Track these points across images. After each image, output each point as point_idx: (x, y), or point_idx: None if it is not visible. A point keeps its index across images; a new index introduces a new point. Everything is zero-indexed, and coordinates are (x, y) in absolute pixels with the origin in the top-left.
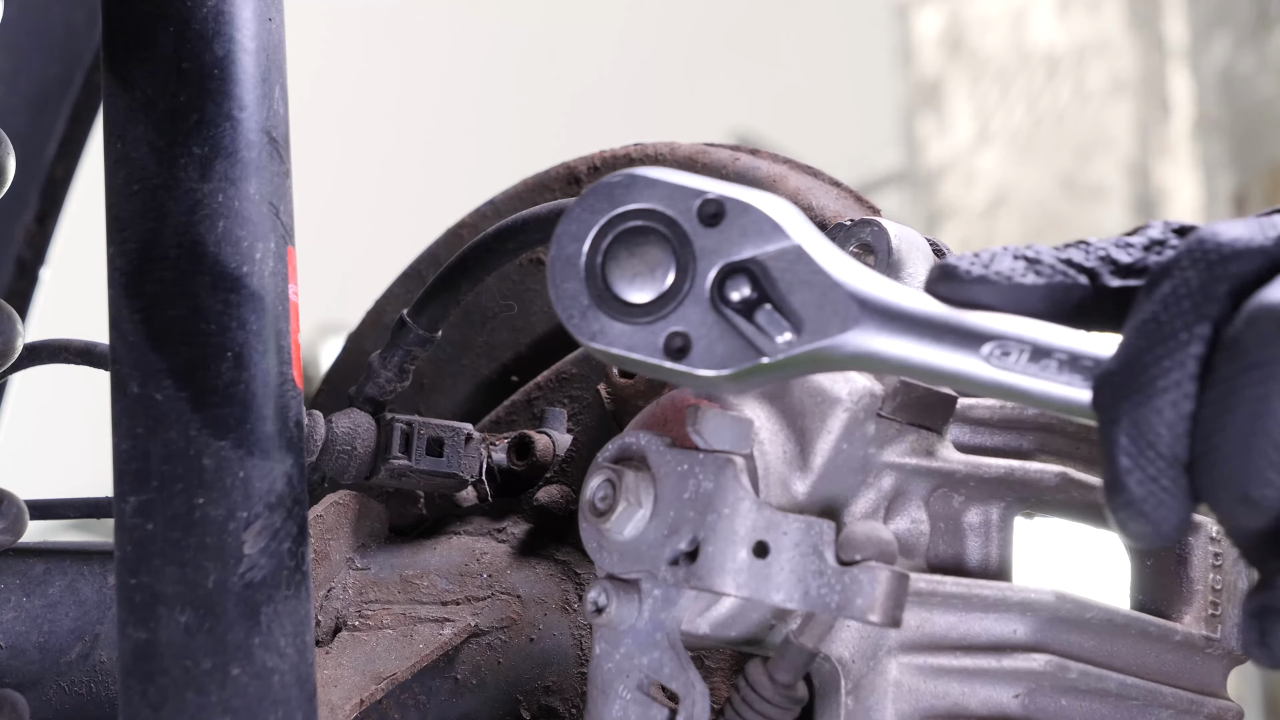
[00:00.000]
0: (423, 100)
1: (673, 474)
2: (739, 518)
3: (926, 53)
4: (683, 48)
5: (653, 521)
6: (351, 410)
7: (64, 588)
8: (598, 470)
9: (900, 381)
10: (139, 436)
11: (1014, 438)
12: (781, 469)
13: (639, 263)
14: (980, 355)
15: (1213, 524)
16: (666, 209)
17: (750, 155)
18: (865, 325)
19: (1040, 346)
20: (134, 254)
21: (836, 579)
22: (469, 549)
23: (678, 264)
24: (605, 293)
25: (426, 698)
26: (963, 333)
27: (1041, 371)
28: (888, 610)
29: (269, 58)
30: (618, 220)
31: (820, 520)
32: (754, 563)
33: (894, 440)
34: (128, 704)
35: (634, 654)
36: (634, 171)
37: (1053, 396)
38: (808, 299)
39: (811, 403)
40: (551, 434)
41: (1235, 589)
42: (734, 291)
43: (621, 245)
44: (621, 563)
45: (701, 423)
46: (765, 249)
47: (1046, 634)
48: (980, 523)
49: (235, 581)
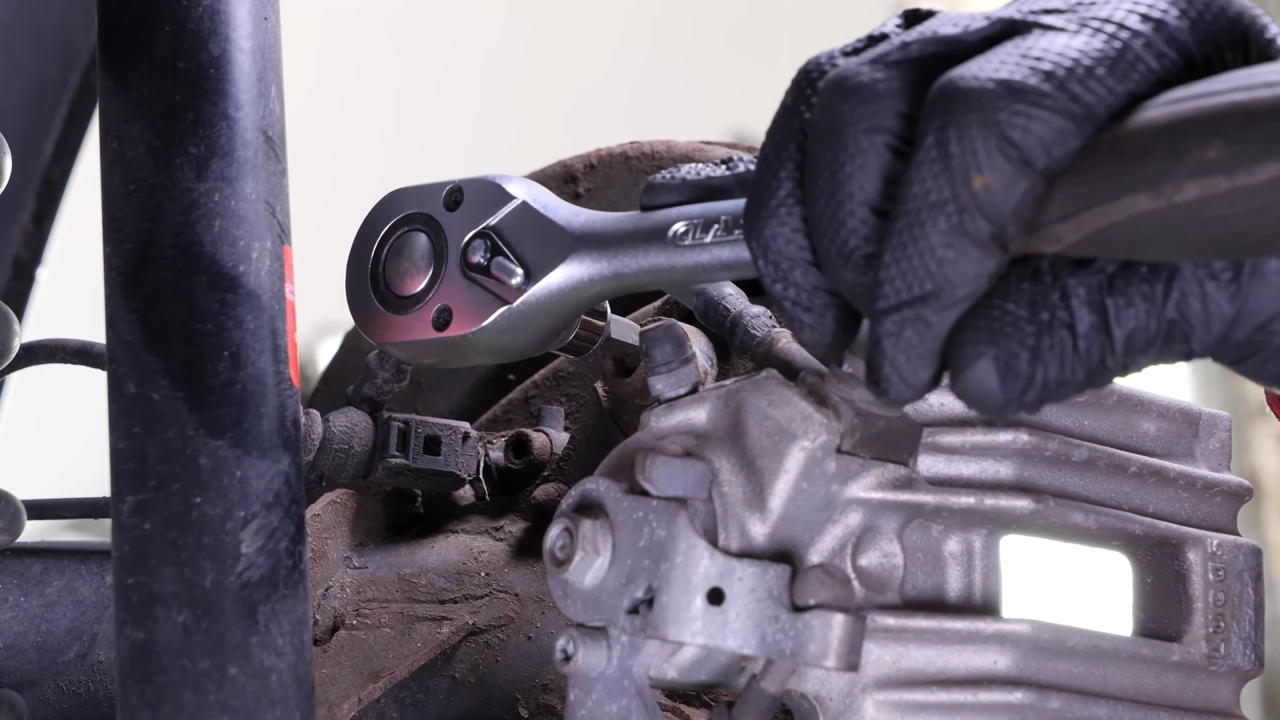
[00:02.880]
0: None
1: (629, 521)
2: (692, 565)
3: None
4: (680, 46)
5: (611, 570)
6: (349, 409)
7: (62, 587)
8: (557, 519)
9: (858, 417)
10: (136, 436)
11: (989, 465)
12: (740, 511)
13: (408, 261)
14: (666, 244)
15: (1214, 539)
16: (422, 209)
17: (747, 153)
18: (578, 251)
19: (708, 216)
20: (130, 254)
21: (790, 625)
22: (466, 547)
23: (435, 250)
24: (389, 294)
25: (424, 696)
26: (646, 231)
27: (713, 239)
28: (842, 655)
29: (265, 57)
30: (390, 232)
31: (775, 565)
32: (709, 610)
33: (858, 475)
34: (125, 703)
35: (604, 701)
36: (394, 190)
37: (725, 259)
38: (534, 244)
39: (769, 443)
40: (549, 432)
41: (1238, 604)
42: (475, 256)
43: (395, 251)
44: (585, 611)
45: (651, 469)
46: (498, 213)
47: (1029, 664)
48: (961, 551)
49: (233, 581)
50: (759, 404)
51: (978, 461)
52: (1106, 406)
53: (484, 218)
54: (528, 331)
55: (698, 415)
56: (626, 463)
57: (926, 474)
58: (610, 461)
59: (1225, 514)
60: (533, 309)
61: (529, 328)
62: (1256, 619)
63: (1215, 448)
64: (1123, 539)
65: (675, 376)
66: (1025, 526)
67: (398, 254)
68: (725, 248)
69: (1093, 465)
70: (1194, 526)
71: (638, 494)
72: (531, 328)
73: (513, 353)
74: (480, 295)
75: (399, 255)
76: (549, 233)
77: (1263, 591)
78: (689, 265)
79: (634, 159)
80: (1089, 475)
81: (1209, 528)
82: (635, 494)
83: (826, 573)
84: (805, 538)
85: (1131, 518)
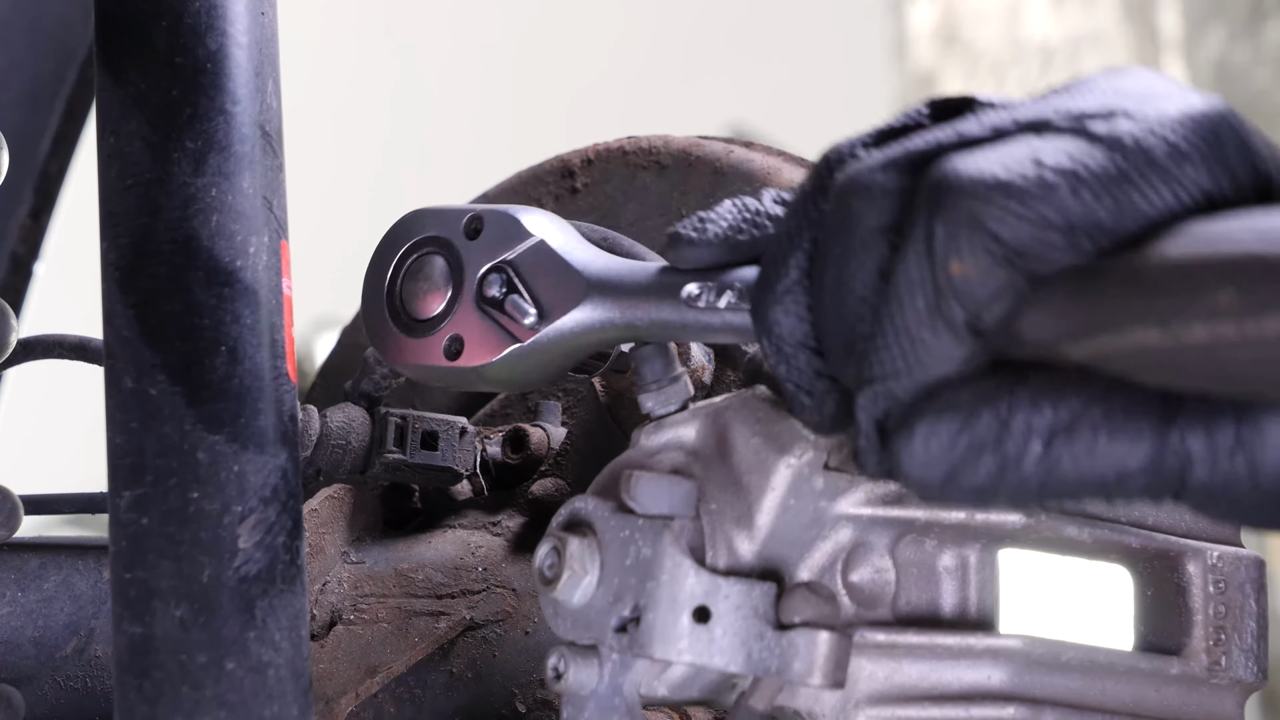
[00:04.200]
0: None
1: (616, 540)
2: (677, 584)
3: (921, 45)
4: (678, 40)
5: (599, 589)
6: (346, 405)
7: (59, 583)
8: (546, 537)
9: (844, 433)
10: (133, 431)
11: None
12: (728, 529)
13: (426, 284)
14: (680, 301)
15: (1214, 551)
16: (441, 233)
17: (744, 148)
18: (592, 297)
19: (723, 282)
20: (127, 249)
21: (776, 642)
22: (464, 542)
23: (452, 277)
24: (404, 317)
25: (422, 691)
26: (661, 286)
27: (725, 304)
28: (827, 673)
29: (262, 52)
30: (409, 253)
31: (761, 583)
32: (695, 628)
33: (847, 491)
34: (123, 698)
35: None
36: (417, 209)
37: (734, 324)
38: (549, 285)
39: (755, 460)
40: (546, 427)
41: (1240, 616)
42: (490, 289)
43: (412, 273)
44: (574, 630)
45: (635, 488)
46: (516, 249)
47: (1023, 679)
48: (956, 566)
49: (230, 576)
50: (746, 421)
51: None
52: None
53: (501, 251)
54: (537, 369)
55: (687, 433)
56: (616, 481)
57: None
58: (601, 480)
59: (1227, 524)
60: (544, 349)
61: (539, 366)
62: (1259, 631)
63: None
64: (1121, 552)
65: (665, 394)
66: (1019, 540)
67: (415, 276)
68: (736, 314)
69: None
70: (1194, 538)
71: (625, 512)
72: (541, 366)
73: (520, 386)
74: (493, 329)
75: (416, 277)
76: (565, 275)
77: (1265, 603)
78: (700, 326)
79: (631, 154)
80: None
81: (1210, 539)
82: (623, 512)
83: (812, 590)
84: (794, 555)
85: (1128, 530)
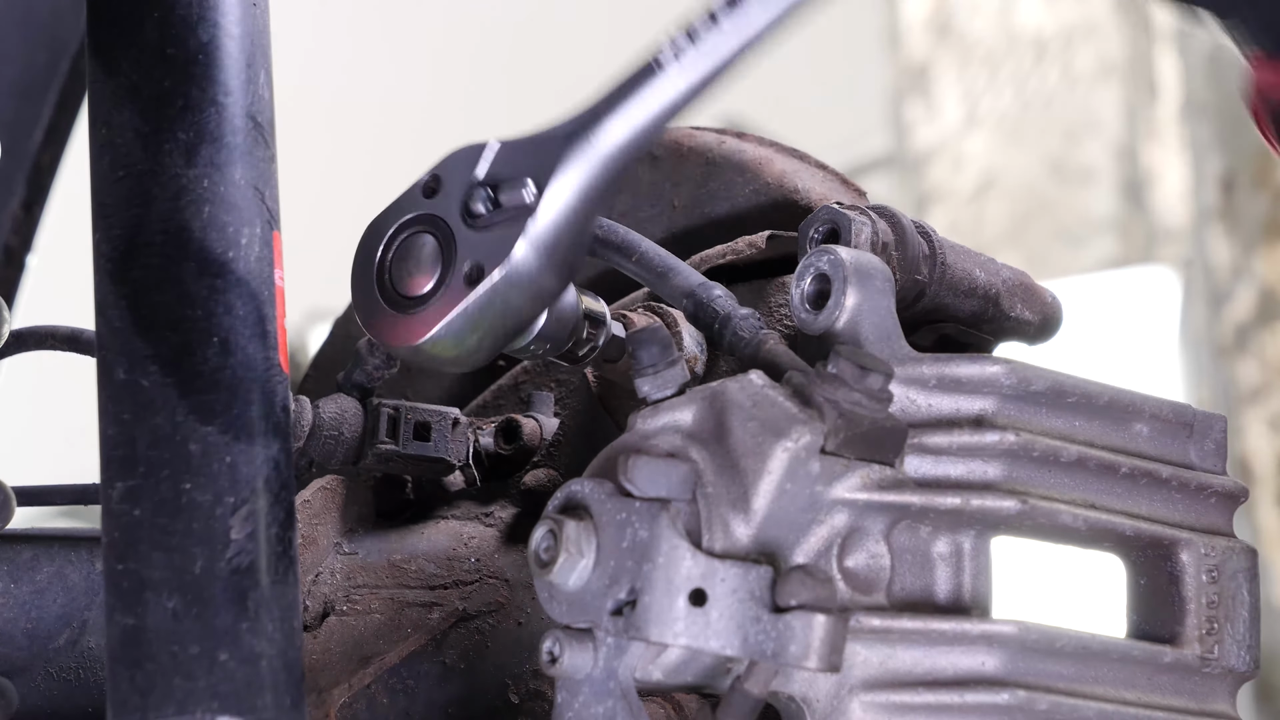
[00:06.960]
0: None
1: (612, 523)
2: (673, 566)
3: (914, 36)
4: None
5: (595, 571)
6: (339, 395)
7: (52, 574)
8: (542, 521)
9: (841, 418)
10: (125, 422)
11: (977, 466)
12: (724, 512)
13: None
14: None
15: (1207, 541)
16: (413, 210)
17: (736, 138)
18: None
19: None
20: (119, 240)
21: (772, 625)
22: (457, 533)
23: (442, 247)
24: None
25: (415, 682)
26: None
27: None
28: (823, 656)
29: (253, 43)
30: (394, 236)
31: (757, 566)
32: (691, 611)
33: (843, 476)
34: (116, 689)
35: (590, 703)
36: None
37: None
38: (529, 161)
39: (752, 443)
40: (538, 418)
41: (1232, 606)
42: (478, 205)
43: (400, 255)
44: (570, 613)
45: (632, 470)
46: (480, 165)
47: (1017, 665)
48: (950, 552)
49: (222, 567)
50: (743, 404)
51: (965, 462)
52: (1098, 407)
53: (468, 178)
54: (554, 255)
55: (684, 416)
56: (613, 464)
57: (914, 475)
58: (598, 463)
59: (1220, 515)
60: (553, 226)
61: (555, 249)
62: (1251, 620)
63: (1210, 448)
64: (1114, 540)
65: (661, 378)
66: (1013, 527)
67: (403, 256)
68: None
69: (1082, 466)
70: (1187, 528)
71: (622, 495)
72: (558, 249)
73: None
74: (498, 237)
75: (405, 258)
76: (538, 145)
77: (1258, 593)
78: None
79: None
80: (1078, 476)
81: (1203, 529)
82: (620, 495)
83: (808, 574)
84: (790, 538)
85: (1122, 519)
